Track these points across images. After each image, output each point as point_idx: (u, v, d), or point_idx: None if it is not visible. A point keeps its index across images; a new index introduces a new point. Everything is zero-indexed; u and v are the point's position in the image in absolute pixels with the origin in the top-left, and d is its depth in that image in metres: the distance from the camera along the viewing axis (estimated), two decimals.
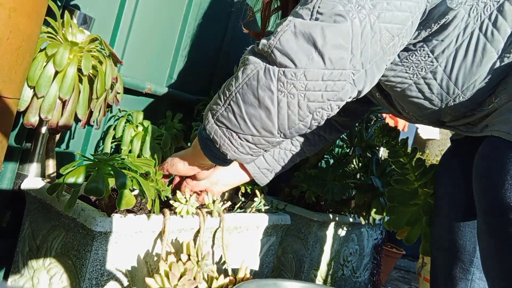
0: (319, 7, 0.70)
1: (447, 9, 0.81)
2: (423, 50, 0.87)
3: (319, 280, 1.70)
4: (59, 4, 1.09)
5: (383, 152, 2.30)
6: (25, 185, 1.07)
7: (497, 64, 0.84)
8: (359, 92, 0.77)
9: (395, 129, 1.19)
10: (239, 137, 0.80)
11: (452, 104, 0.91)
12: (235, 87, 0.77)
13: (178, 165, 1.02)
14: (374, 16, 0.70)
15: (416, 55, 0.88)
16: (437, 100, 0.92)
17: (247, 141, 0.80)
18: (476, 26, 0.83)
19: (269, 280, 0.98)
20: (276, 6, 1.03)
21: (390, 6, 0.72)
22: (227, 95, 0.79)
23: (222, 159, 0.90)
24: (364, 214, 1.75)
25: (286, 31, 0.71)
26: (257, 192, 1.35)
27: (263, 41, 0.74)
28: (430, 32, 0.85)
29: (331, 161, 2.11)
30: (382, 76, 0.94)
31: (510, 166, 0.74)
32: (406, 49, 0.89)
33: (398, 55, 0.90)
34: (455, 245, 1.00)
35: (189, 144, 1.47)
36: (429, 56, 0.87)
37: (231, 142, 0.81)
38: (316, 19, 0.70)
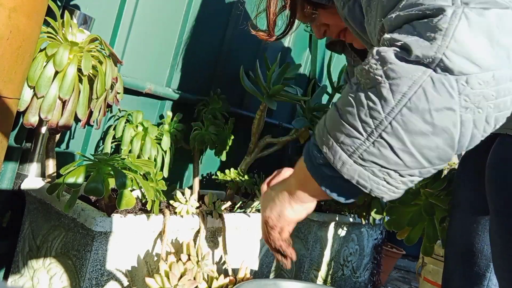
0: None
1: None
2: None
3: (319, 280, 1.70)
4: (59, 4, 1.09)
5: None
6: (25, 185, 1.07)
7: None
8: None
9: None
10: (400, 175, 0.60)
11: None
12: (385, 113, 0.56)
13: (288, 215, 0.77)
14: None
15: None
16: None
17: (412, 175, 0.61)
18: None
19: (269, 280, 0.97)
20: (282, 4, 0.92)
21: None
22: (372, 126, 0.58)
23: (351, 196, 0.69)
24: (364, 214, 1.75)
25: (460, 25, 0.51)
26: (257, 192, 1.35)
27: (422, 44, 0.53)
28: None
29: None
30: None
31: None
32: None
33: None
34: (472, 249, 0.98)
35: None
36: None
37: (388, 183, 0.62)
38: (486, 7, 0.52)
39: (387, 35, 0.57)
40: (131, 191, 0.91)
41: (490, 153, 0.83)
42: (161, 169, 1.31)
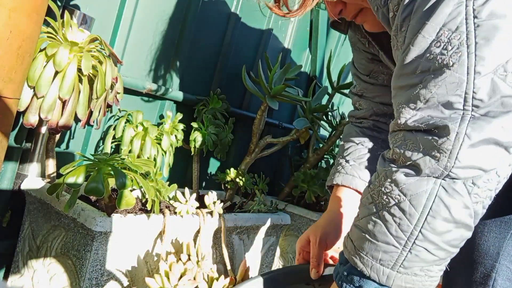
0: (474, 93, 0.59)
1: None
2: None
3: None
4: (59, 4, 1.09)
5: None
6: (25, 185, 1.07)
7: None
8: None
9: None
10: (438, 266, 0.68)
11: None
12: (413, 225, 0.64)
13: None
14: None
15: None
16: None
17: (447, 261, 0.69)
18: None
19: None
20: None
21: None
22: (404, 238, 0.65)
23: None
24: None
25: (462, 147, 0.59)
26: (257, 192, 1.35)
27: (428, 163, 0.61)
28: None
29: (331, 161, 2.11)
30: None
31: None
32: None
33: None
34: (478, 249, 0.97)
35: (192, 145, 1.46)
36: None
37: (429, 276, 0.70)
38: (475, 108, 0.59)
39: (397, 149, 0.65)
40: (131, 191, 0.91)
41: None
42: (161, 169, 1.31)
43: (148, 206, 0.94)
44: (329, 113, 1.86)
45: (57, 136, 1.13)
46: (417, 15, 0.66)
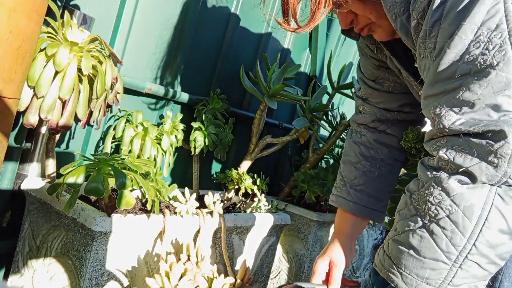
0: None
1: None
2: None
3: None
4: (59, 4, 1.09)
5: None
6: (25, 185, 1.07)
7: None
8: None
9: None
10: (485, 281, 0.65)
11: None
12: (466, 238, 0.60)
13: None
14: None
15: None
16: None
17: (489, 278, 0.66)
18: None
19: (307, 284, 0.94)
20: None
21: None
22: (456, 252, 0.61)
23: None
24: None
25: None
26: (257, 192, 1.35)
27: (486, 171, 0.57)
28: None
29: (331, 161, 2.11)
30: None
31: None
32: None
33: None
34: None
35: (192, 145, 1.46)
36: None
37: None
38: None
39: (443, 155, 0.61)
40: (131, 191, 0.91)
41: None
42: (161, 169, 1.31)
43: (148, 206, 0.94)
44: (329, 113, 1.86)
45: (57, 136, 1.13)
46: (449, 17, 0.62)
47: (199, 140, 1.43)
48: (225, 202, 1.24)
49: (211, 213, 1.11)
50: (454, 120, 0.60)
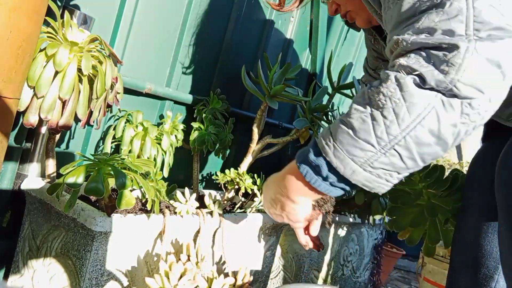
0: (475, 16, 0.62)
1: None
2: None
3: (319, 280, 1.70)
4: (59, 4, 1.09)
5: None
6: (25, 185, 1.07)
7: None
8: None
9: None
10: (399, 174, 0.72)
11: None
12: (401, 129, 0.66)
13: (299, 213, 0.87)
14: None
15: None
16: None
17: (404, 174, 0.73)
18: None
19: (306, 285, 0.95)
20: None
21: None
22: (386, 140, 0.68)
23: (346, 192, 0.81)
24: (364, 214, 1.75)
25: (471, 62, 0.61)
26: (257, 192, 1.35)
27: (437, 76, 0.63)
28: None
29: None
30: None
31: None
32: None
33: None
34: (481, 251, 0.98)
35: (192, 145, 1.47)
36: None
37: (387, 181, 0.74)
38: (477, 35, 0.62)
39: (403, 61, 0.66)
40: (131, 191, 0.91)
41: (502, 152, 0.84)
42: (161, 169, 1.31)
43: (148, 206, 0.94)
44: (329, 113, 1.86)
45: (57, 136, 1.13)
46: None
47: (199, 140, 1.43)
48: (225, 202, 1.24)
49: (211, 213, 1.11)
50: (415, 37, 0.65)
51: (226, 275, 1.03)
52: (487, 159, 1.02)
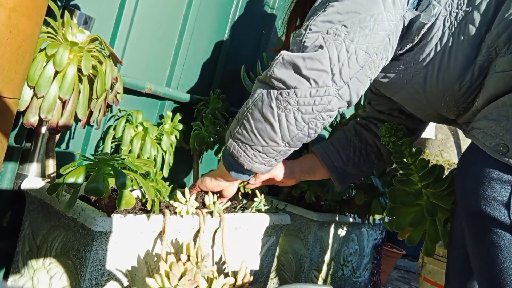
0: (304, 42, 0.88)
1: (422, 24, 0.91)
2: (409, 58, 0.97)
3: (319, 280, 1.70)
4: (59, 4, 1.09)
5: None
6: (25, 185, 1.07)
7: (474, 67, 0.91)
8: (348, 102, 0.91)
9: (403, 129, 1.18)
10: (252, 149, 0.95)
11: (445, 104, 0.98)
12: (246, 108, 0.93)
13: (207, 182, 1.15)
14: (349, 41, 0.85)
15: (404, 63, 0.98)
16: (430, 102, 1.00)
17: (258, 151, 0.95)
18: (451, 34, 0.91)
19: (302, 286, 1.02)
20: (296, 25, 1.22)
21: (363, 30, 0.85)
22: (241, 116, 0.95)
23: (240, 171, 1.03)
24: (364, 214, 1.75)
25: (277, 63, 0.88)
26: (257, 192, 1.35)
27: (264, 72, 0.91)
28: (414, 43, 0.94)
29: None
30: (381, 84, 1.04)
31: (478, 173, 0.81)
32: (396, 59, 0.98)
33: (392, 64, 0.99)
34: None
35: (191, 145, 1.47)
36: (414, 64, 0.96)
37: (246, 153, 0.96)
38: (303, 51, 0.87)
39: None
40: (131, 191, 0.91)
41: (458, 160, 0.93)
42: (161, 169, 1.31)
43: (148, 206, 0.94)
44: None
45: (57, 136, 1.13)
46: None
47: (199, 140, 1.43)
48: (225, 202, 1.24)
49: (211, 213, 1.11)
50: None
51: (226, 275, 1.03)
52: None
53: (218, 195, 1.20)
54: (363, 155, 1.29)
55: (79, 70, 0.95)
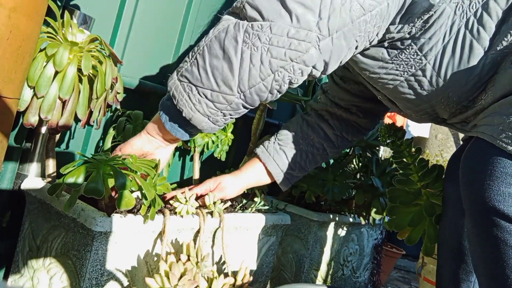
0: None
1: (430, 5, 0.82)
2: (412, 48, 0.88)
3: (319, 280, 1.70)
4: (59, 4, 1.09)
5: (383, 152, 2.30)
6: (25, 185, 1.07)
7: (485, 61, 0.84)
8: (325, 64, 0.79)
9: (401, 129, 1.18)
10: (198, 92, 0.79)
11: (445, 100, 0.92)
12: (204, 41, 0.79)
13: (133, 140, 0.96)
14: None
15: (405, 53, 0.89)
16: (429, 97, 0.93)
17: (206, 97, 0.79)
18: (462, 24, 0.84)
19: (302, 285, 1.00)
20: None
21: None
22: (195, 51, 0.80)
23: (177, 122, 0.86)
24: (364, 214, 1.75)
25: None
26: (257, 192, 1.35)
27: (236, 2, 0.78)
28: (414, 29, 0.86)
29: (331, 161, 2.11)
30: (374, 73, 0.95)
31: (492, 169, 0.75)
32: (395, 47, 0.90)
33: (388, 53, 0.91)
34: (459, 246, 0.99)
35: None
36: (417, 54, 0.88)
37: (189, 97, 0.81)
38: None
39: None
40: (131, 192, 0.91)
41: (462, 155, 0.86)
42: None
43: (142, 212, 0.94)
44: None
45: (57, 136, 1.13)
46: None
47: (199, 140, 1.43)
48: (225, 202, 1.24)
49: (211, 213, 1.11)
50: None
51: (226, 275, 1.03)
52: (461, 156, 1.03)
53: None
54: (309, 158, 1.24)
55: (79, 70, 0.95)
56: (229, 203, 1.22)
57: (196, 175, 1.50)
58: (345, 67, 1.15)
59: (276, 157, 1.20)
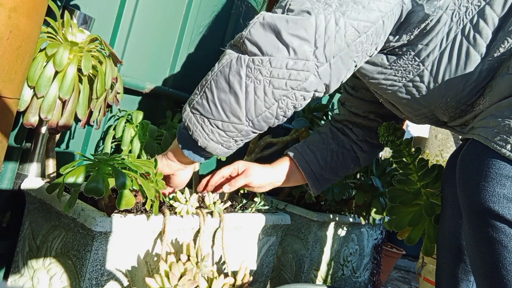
0: (290, 4, 0.78)
1: (426, 15, 0.83)
2: (410, 54, 0.90)
3: (319, 280, 1.70)
4: (59, 4, 1.09)
5: (383, 152, 2.30)
6: (25, 185, 1.07)
7: (482, 67, 0.85)
8: (327, 86, 0.82)
9: (401, 129, 1.18)
10: (210, 123, 0.83)
11: (443, 105, 0.94)
12: (211, 75, 0.82)
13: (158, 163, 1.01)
14: (339, 13, 0.76)
15: (403, 59, 0.91)
16: (427, 102, 0.95)
17: (217, 127, 0.83)
18: (459, 30, 0.85)
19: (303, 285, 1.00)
20: None
21: (357, 5, 0.77)
22: (203, 84, 0.84)
23: (194, 150, 0.91)
24: (364, 214, 1.75)
25: (255, 23, 0.78)
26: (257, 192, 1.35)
27: (239, 34, 0.81)
28: (412, 37, 0.88)
29: None
30: (374, 79, 0.98)
31: (487, 171, 0.76)
32: (393, 53, 0.92)
33: (387, 59, 0.93)
34: (458, 246, 1.00)
35: None
36: (415, 60, 0.90)
37: (202, 128, 0.85)
38: (287, 14, 0.77)
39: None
40: (131, 191, 0.91)
41: (459, 157, 0.87)
42: None
43: (147, 207, 0.94)
44: (329, 113, 1.86)
45: (57, 136, 1.13)
46: None
47: None
48: (225, 202, 1.24)
49: (211, 213, 1.11)
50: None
51: (226, 275, 1.03)
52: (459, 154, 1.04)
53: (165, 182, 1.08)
54: (340, 159, 1.23)
55: (79, 70, 0.95)
56: (229, 203, 1.22)
57: (196, 175, 1.50)
58: (354, 76, 1.15)
59: (306, 154, 1.21)
